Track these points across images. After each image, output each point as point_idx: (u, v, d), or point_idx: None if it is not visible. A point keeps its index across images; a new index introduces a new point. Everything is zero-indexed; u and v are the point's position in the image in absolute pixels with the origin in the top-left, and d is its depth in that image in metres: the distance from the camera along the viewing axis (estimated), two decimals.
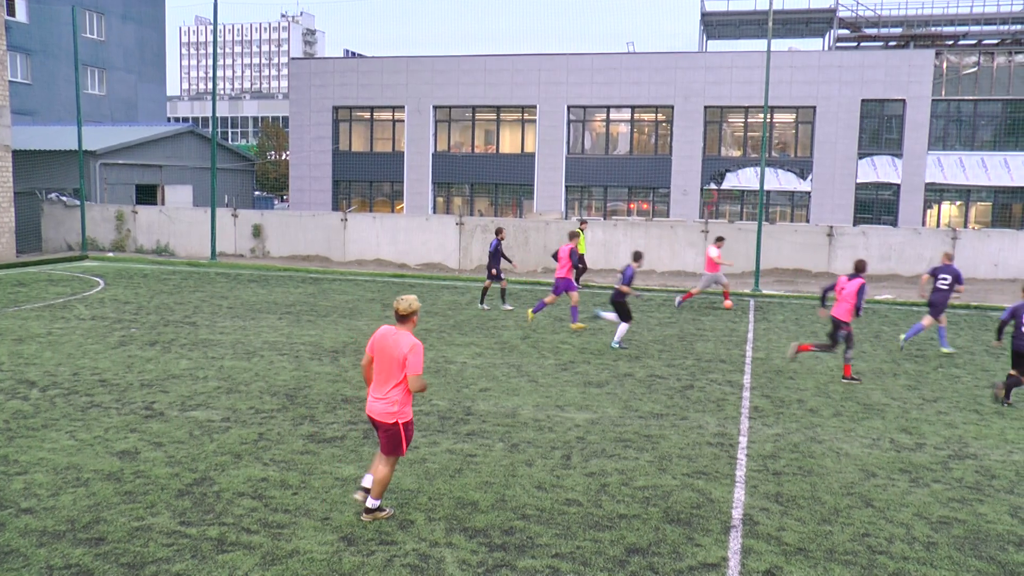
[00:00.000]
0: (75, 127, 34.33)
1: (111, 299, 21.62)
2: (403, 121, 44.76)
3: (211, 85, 49.88)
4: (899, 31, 43.53)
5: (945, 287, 16.87)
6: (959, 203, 41.29)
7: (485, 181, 44.54)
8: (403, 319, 7.85)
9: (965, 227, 37.79)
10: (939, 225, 39.92)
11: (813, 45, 48.89)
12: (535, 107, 42.88)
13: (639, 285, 25.39)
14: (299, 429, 10.58)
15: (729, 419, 11.57)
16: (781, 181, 40.62)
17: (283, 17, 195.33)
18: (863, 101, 39.84)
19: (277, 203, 57.77)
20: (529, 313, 19.09)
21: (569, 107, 42.54)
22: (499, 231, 21.88)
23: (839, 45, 44.15)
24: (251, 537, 7.38)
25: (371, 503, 7.86)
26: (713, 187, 41.53)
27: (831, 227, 30.70)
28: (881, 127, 40.42)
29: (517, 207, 43.94)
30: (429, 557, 7.09)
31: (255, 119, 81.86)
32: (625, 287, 16.28)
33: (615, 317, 16.66)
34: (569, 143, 43.03)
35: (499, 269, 21.32)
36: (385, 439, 7.77)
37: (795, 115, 41.10)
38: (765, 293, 25.66)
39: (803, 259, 29.99)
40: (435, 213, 43.46)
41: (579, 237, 19.40)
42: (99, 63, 50.60)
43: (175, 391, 12.36)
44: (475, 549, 7.26)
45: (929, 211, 40.87)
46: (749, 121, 41.73)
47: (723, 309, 22.25)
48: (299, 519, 7.79)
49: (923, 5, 43.89)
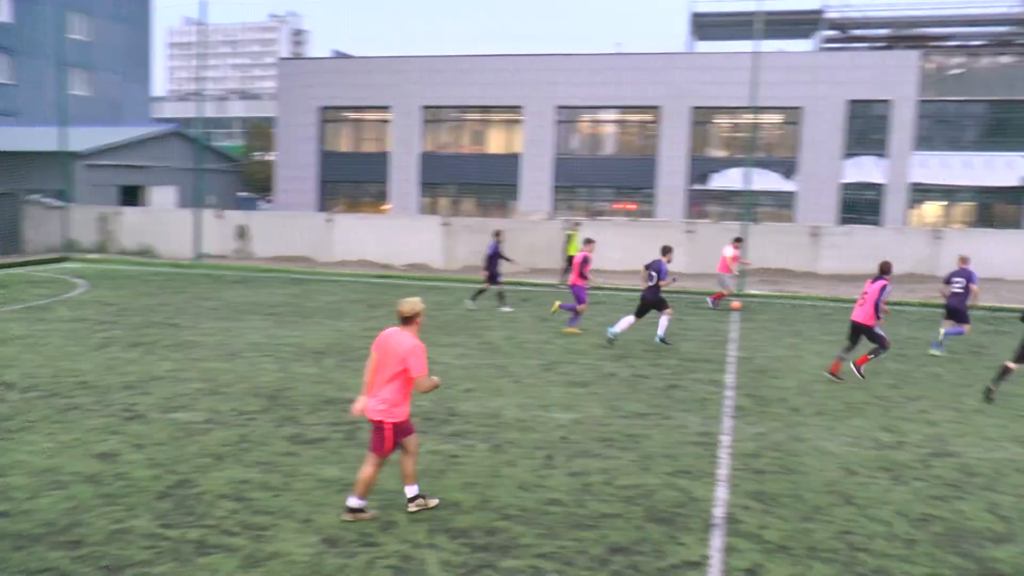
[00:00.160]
0: (60, 128, 34.16)
1: (93, 300, 21.52)
2: (390, 121, 44.72)
3: (197, 86, 49.78)
4: (886, 32, 43.79)
5: (960, 290, 17.00)
6: (942, 203, 41.50)
7: (472, 182, 44.55)
8: (407, 321, 7.82)
9: (949, 227, 37.92)
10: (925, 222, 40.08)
11: (801, 46, 49.00)
12: (522, 107, 42.90)
13: (600, 282, 25.36)
14: (281, 431, 10.53)
15: (712, 418, 11.59)
16: (767, 181, 40.73)
17: (271, 17, 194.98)
18: (849, 102, 40.00)
19: (261, 204, 57.49)
20: (566, 329, 18.59)
21: (556, 107, 42.56)
22: (498, 233, 21.90)
23: (826, 46, 44.34)
24: (232, 539, 7.34)
25: (353, 502, 7.84)
26: (709, 187, 41.59)
27: (816, 227, 30.82)
28: (867, 127, 40.57)
29: (504, 208, 43.93)
30: (411, 558, 7.07)
31: (242, 119, 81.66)
32: (663, 281, 16.39)
33: (627, 322, 16.69)
34: (556, 143, 43.05)
35: (497, 272, 21.28)
36: (372, 437, 7.81)
37: (782, 116, 41.23)
38: (750, 293, 25.72)
39: (788, 259, 30.07)
40: (421, 214, 43.40)
41: (593, 243, 19.22)
42: (85, 63, 50.36)
43: (157, 393, 12.30)
44: (458, 550, 7.24)
45: (913, 210, 41.06)
46: (736, 121, 41.85)
47: (708, 308, 22.32)
48: (281, 521, 7.75)
49: (910, 7, 44.09)
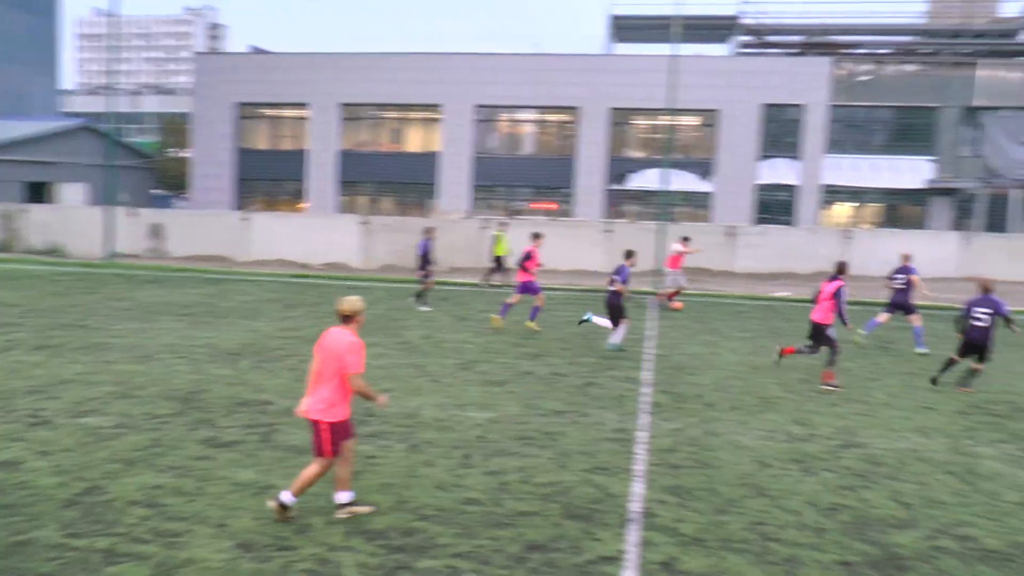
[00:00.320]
0: None
1: None
2: (308, 119, 44.13)
3: (109, 79, 48.32)
4: (799, 39, 44.81)
5: (902, 286, 17.53)
6: (852, 204, 42.77)
7: (390, 180, 44.25)
8: (346, 319, 7.81)
9: (858, 227, 39.08)
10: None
11: (717, 51, 49.87)
12: (441, 106, 42.77)
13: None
14: (195, 434, 10.30)
15: (629, 415, 11.71)
16: (684, 182, 41.38)
17: (186, 11, 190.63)
18: (764, 105, 40.89)
19: (176, 202, 56.15)
20: (529, 324, 18.56)
21: (475, 106, 42.55)
22: (429, 230, 21.84)
23: (742, 51, 45.21)
24: (143, 547, 7.13)
25: (284, 496, 7.72)
26: (627, 187, 42.06)
27: (732, 227, 31.43)
28: (781, 131, 41.55)
29: (423, 207, 43.75)
30: (328, 561, 6.98)
31: (156, 115, 79.59)
32: (622, 286, 16.24)
33: (607, 322, 16.65)
34: (475, 142, 43.05)
35: (428, 269, 21.23)
36: (312, 438, 7.74)
37: (699, 118, 41.93)
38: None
39: (704, 258, 30.58)
40: (339, 212, 42.94)
41: (541, 237, 19.23)
42: None
43: (65, 397, 11.89)
44: (374, 552, 7.18)
45: (825, 211, 42.22)
46: (653, 123, 42.41)
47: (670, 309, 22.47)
48: (194, 527, 7.57)
49: (821, 15, 45.27)
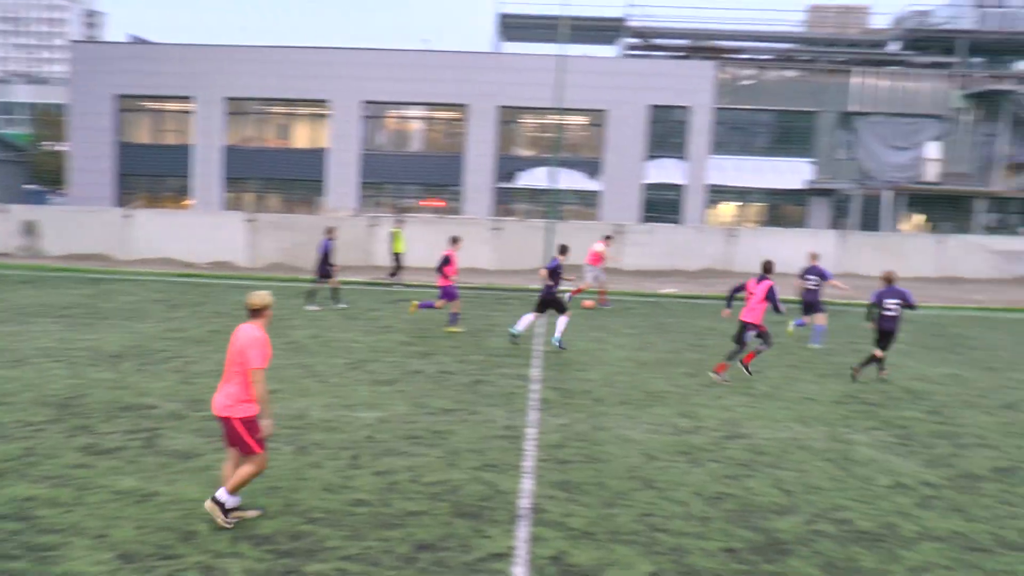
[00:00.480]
0: None
1: None
2: (192, 112, 42.84)
3: None
4: (684, 43, 45.83)
5: (813, 287, 17.97)
6: (737, 203, 44.03)
7: (277, 177, 43.36)
8: (254, 314, 7.62)
9: (742, 226, 40.26)
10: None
11: (604, 52, 50.58)
12: (329, 101, 42.14)
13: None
14: (73, 441, 9.84)
15: (518, 412, 11.75)
16: (572, 180, 41.86)
17: None
18: (651, 107, 41.68)
19: (52, 198, 53.79)
20: (448, 329, 18.38)
21: (363, 102, 42.09)
22: (330, 230, 21.51)
23: (629, 53, 45.96)
24: (12, 564, 6.75)
25: (221, 494, 7.54)
26: (515, 185, 42.29)
27: (620, 225, 31.93)
28: (667, 131, 42.44)
29: (310, 204, 43.04)
30: (213, 569, 6.78)
31: (28, 105, 76.04)
32: (544, 271, 16.42)
33: (528, 319, 16.65)
34: (363, 139, 42.59)
35: (328, 269, 20.90)
36: (226, 434, 7.55)
37: (586, 118, 42.47)
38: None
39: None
40: (225, 210, 41.86)
41: (460, 241, 19.07)
42: None
43: None
44: (262, 557, 7.01)
45: (710, 210, 43.33)
46: (542, 122, 42.76)
47: (583, 308, 22.55)
48: (71, 539, 7.21)
49: (706, 21, 46.51)
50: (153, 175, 43.90)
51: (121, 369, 13.65)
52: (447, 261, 18.15)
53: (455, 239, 18.93)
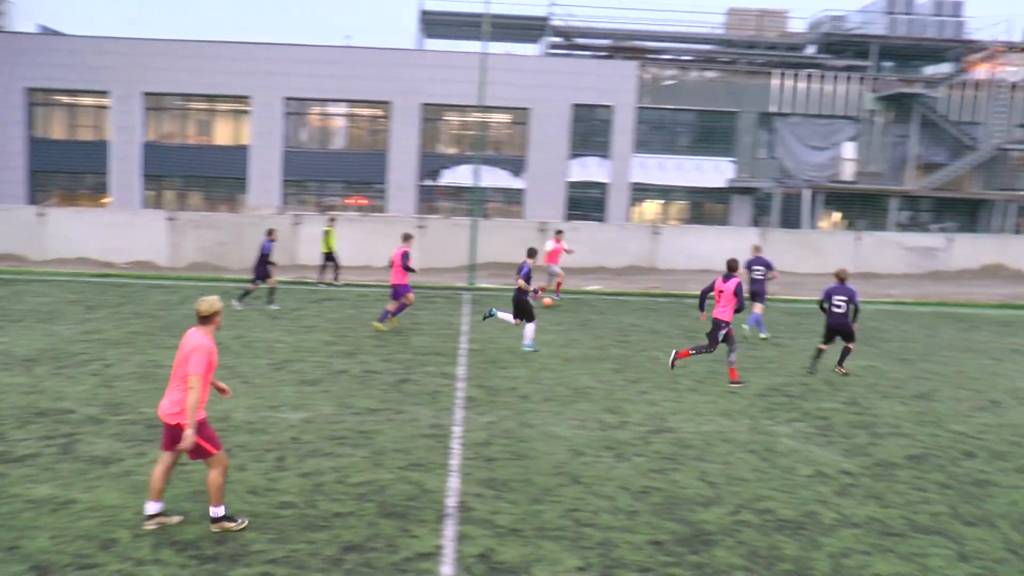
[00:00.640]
0: None
1: None
2: (109, 107, 41.59)
3: None
4: (607, 43, 46.20)
5: (760, 276, 18.28)
6: (660, 201, 44.59)
7: (198, 174, 42.44)
8: (204, 320, 7.49)
9: (666, 224, 40.80)
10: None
11: (528, 50, 50.74)
12: (250, 98, 41.41)
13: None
14: None
15: (444, 410, 11.70)
16: (496, 178, 41.91)
17: None
18: (574, 105, 41.93)
19: None
20: (375, 324, 18.19)
21: (285, 99, 41.46)
22: (271, 232, 21.15)
23: (552, 52, 46.15)
24: None
25: (214, 511, 7.42)
26: (439, 183, 42.16)
27: (544, 223, 32.04)
28: (591, 130, 42.77)
29: (233, 202, 42.26)
30: None
31: None
32: (522, 282, 16.08)
33: (510, 317, 16.41)
34: (285, 136, 41.97)
35: (267, 270, 20.54)
36: (167, 439, 7.40)
37: (510, 116, 42.54)
38: (480, 286, 26.34)
39: (517, 253, 30.82)
40: (145, 208, 40.80)
41: (412, 238, 18.74)
42: None
43: None
44: (185, 563, 6.83)
45: (634, 208, 43.81)
46: (465, 119, 42.70)
47: (545, 303, 22.38)
48: None
49: (628, 21, 46.98)
50: (68, 172, 42.53)
51: (35, 373, 13.19)
52: (407, 257, 18.00)
53: (407, 236, 18.74)
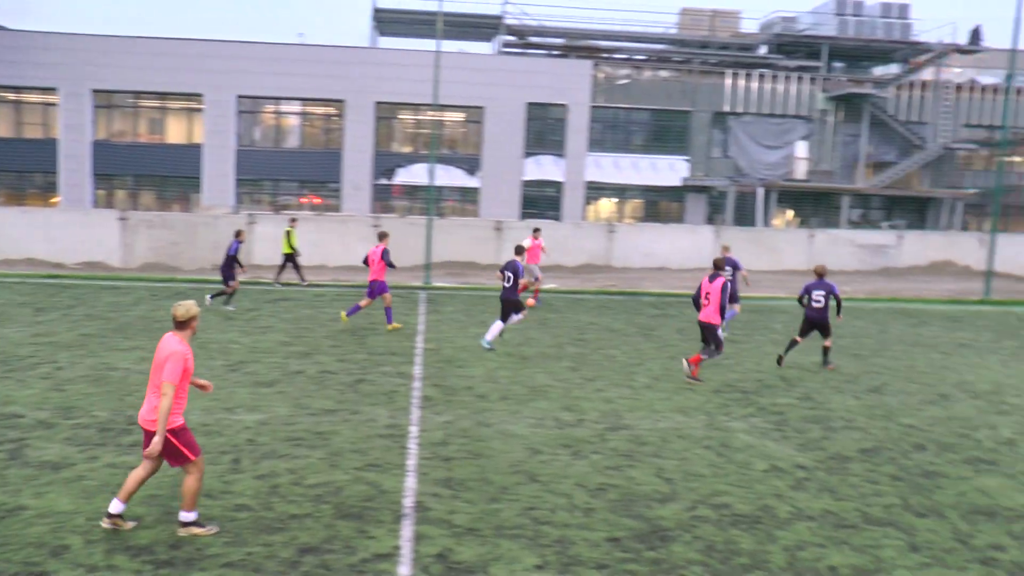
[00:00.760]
0: None
1: None
2: (57, 105, 40.78)
3: None
4: (561, 42, 46.32)
5: (729, 277, 18.35)
6: (615, 200, 44.82)
7: (151, 173, 41.83)
8: (180, 325, 7.41)
9: (621, 222, 41.03)
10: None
11: (482, 48, 50.72)
12: (203, 96, 40.89)
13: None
14: None
15: (401, 410, 11.64)
16: (451, 177, 41.85)
17: None
18: (529, 104, 42.00)
19: None
20: (343, 315, 18.29)
21: (238, 97, 41.00)
22: (239, 233, 20.96)
23: (506, 50, 46.16)
24: None
25: (184, 516, 7.31)
26: (394, 182, 42.00)
27: (499, 221, 32.07)
28: (545, 129, 42.89)
29: (186, 201, 41.71)
30: None
31: None
32: (522, 280, 16.16)
33: (500, 325, 16.35)
34: (239, 134, 41.51)
35: (232, 272, 20.36)
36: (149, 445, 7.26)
37: (464, 114, 42.49)
38: (436, 285, 26.28)
39: (473, 252, 31.07)
40: (96, 207, 40.09)
41: (387, 236, 18.62)
42: None
43: None
44: (139, 568, 6.70)
45: (589, 207, 43.99)
46: (419, 118, 42.58)
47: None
48: None
49: (581, 20, 47.14)
50: (15, 171, 41.68)
51: None
52: (387, 254, 17.92)
53: (383, 234, 18.60)
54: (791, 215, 45.85)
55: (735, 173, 43.64)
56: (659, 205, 44.80)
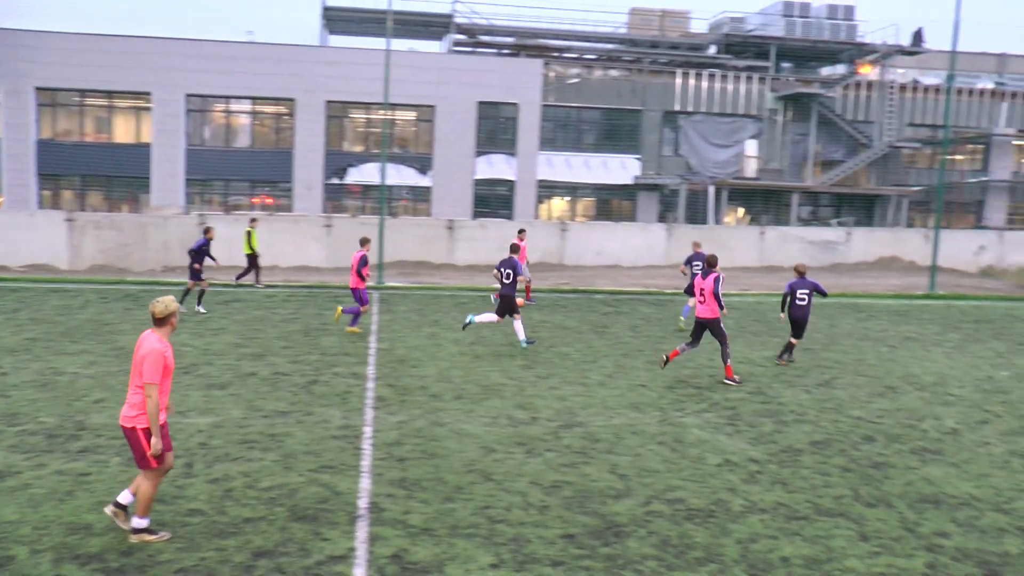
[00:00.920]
0: None
1: None
2: None
3: None
4: (511, 40, 46.34)
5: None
6: (567, 198, 44.98)
7: (98, 173, 41.02)
8: (159, 322, 7.32)
9: (573, 220, 41.19)
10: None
11: (432, 47, 50.61)
12: (150, 94, 40.23)
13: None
14: None
15: (354, 411, 11.59)
16: (403, 176, 41.70)
17: None
18: (480, 103, 41.98)
19: None
20: (340, 319, 18.42)
21: (187, 96, 40.43)
22: (208, 230, 20.67)
23: (456, 49, 46.09)
24: None
25: (137, 522, 7.21)
26: (346, 181, 41.73)
27: (451, 220, 32.03)
28: (497, 128, 42.91)
29: (135, 201, 41.03)
30: None
31: None
32: (521, 277, 16.36)
33: (493, 317, 16.51)
34: (188, 134, 40.93)
35: (202, 268, 19.99)
36: (131, 446, 7.24)
37: (415, 113, 42.34)
38: (389, 285, 26.17)
39: (426, 251, 30.99)
40: (41, 208, 39.25)
41: (369, 241, 18.42)
42: None
43: None
44: None
45: (541, 205, 44.10)
46: (371, 117, 42.36)
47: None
48: None
49: (531, 19, 47.21)
50: None
51: None
52: (365, 262, 17.81)
53: (365, 240, 18.34)
54: (742, 213, 46.37)
55: (686, 171, 44.03)
56: (611, 203, 45.06)
